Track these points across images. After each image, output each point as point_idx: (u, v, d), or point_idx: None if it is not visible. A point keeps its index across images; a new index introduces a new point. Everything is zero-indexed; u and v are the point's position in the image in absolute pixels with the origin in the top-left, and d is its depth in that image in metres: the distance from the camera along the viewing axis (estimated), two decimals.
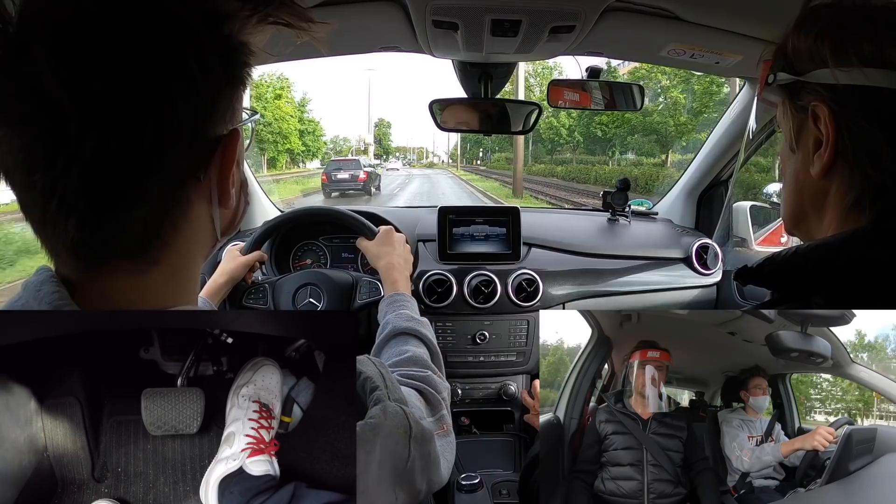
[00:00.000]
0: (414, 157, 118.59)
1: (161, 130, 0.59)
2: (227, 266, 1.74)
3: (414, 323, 1.27)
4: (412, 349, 1.17)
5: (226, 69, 0.64)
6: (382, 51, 1.90)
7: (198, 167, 0.64)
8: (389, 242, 1.63)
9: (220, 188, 0.67)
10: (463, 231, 2.20)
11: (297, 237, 2.26)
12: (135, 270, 0.63)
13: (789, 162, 0.82)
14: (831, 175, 0.75)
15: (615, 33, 1.67)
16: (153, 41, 0.58)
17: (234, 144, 0.66)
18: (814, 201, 0.79)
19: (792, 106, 0.79)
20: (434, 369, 1.13)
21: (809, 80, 0.76)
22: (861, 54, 0.72)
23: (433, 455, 0.89)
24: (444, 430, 1.01)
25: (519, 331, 2.17)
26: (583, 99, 2.04)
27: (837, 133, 0.73)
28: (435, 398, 1.03)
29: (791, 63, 0.78)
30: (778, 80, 0.79)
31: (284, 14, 0.68)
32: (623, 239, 2.39)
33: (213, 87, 0.63)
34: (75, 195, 0.58)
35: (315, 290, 1.80)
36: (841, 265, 0.71)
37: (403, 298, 1.39)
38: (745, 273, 0.80)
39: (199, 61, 0.60)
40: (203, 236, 0.69)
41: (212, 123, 0.64)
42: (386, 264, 1.55)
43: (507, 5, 1.45)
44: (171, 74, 0.59)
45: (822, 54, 0.74)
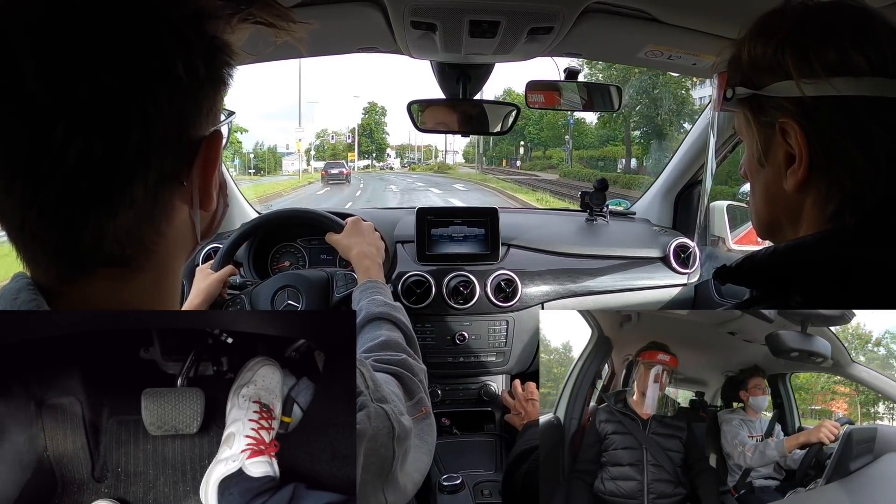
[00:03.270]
0: (417, 157, 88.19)
1: (147, 133, 0.57)
2: (202, 285, 1.72)
3: (387, 308, 1.26)
4: (386, 333, 1.17)
5: (210, 69, 0.62)
6: (361, 51, 1.89)
7: (181, 170, 0.62)
8: (358, 232, 1.62)
9: (203, 191, 0.66)
10: (441, 232, 2.20)
11: (273, 241, 2.23)
12: (116, 277, 0.62)
13: (758, 175, 0.81)
14: (806, 189, 0.75)
15: (593, 34, 1.68)
16: (139, 42, 0.57)
17: (216, 146, 0.65)
18: (789, 213, 0.78)
19: (756, 121, 0.78)
20: (410, 352, 1.13)
21: (772, 93, 0.74)
22: (826, 64, 0.71)
23: (411, 448, 0.90)
24: (424, 413, 1.01)
25: (498, 331, 2.18)
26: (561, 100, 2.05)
27: (810, 149, 0.72)
28: (412, 381, 1.02)
29: (749, 76, 0.77)
30: (738, 95, 0.78)
31: (266, 14, 0.67)
32: (601, 239, 2.42)
33: (198, 88, 0.62)
34: (57, 203, 0.56)
35: (293, 292, 1.78)
36: (820, 263, 0.72)
37: (376, 285, 1.38)
38: (724, 272, 0.80)
39: (184, 62, 0.59)
40: (184, 240, 0.68)
41: (195, 125, 0.62)
42: (357, 253, 1.54)
43: (486, 6, 1.45)
44: (157, 75, 0.58)
45: (784, 66, 0.73)
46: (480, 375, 2.22)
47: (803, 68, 0.71)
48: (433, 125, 2.07)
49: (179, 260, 0.69)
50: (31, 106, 0.54)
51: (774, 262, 0.75)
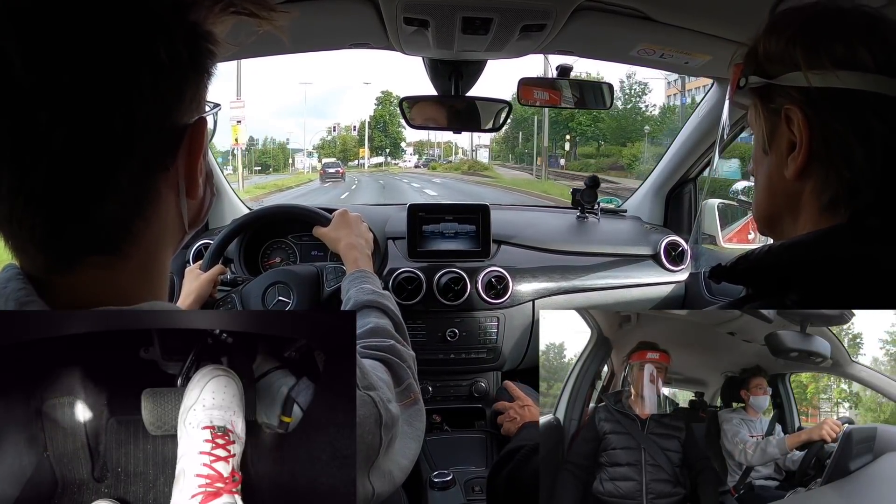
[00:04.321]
0: (436, 154, 75.99)
1: (130, 119, 0.58)
2: (191, 286, 1.71)
3: (375, 296, 1.25)
4: (374, 320, 1.16)
5: (192, 56, 0.63)
6: (352, 48, 1.89)
7: (166, 157, 0.63)
8: (345, 224, 1.60)
9: (188, 178, 0.67)
10: (433, 229, 2.20)
11: (264, 237, 2.22)
12: (104, 265, 0.62)
13: (762, 164, 0.83)
14: (805, 177, 0.76)
15: (586, 32, 1.69)
16: (121, 28, 0.58)
17: (200, 133, 0.66)
18: (788, 203, 0.80)
19: (764, 109, 0.80)
20: (398, 338, 1.13)
21: (782, 83, 0.76)
22: (833, 57, 0.73)
23: (400, 435, 0.90)
24: (412, 399, 1.01)
25: (489, 328, 2.18)
26: (553, 97, 2.05)
27: (811, 135, 0.74)
28: (400, 367, 1.02)
29: (762, 66, 0.79)
30: (750, 84, 0.80)
31: (247, 2, 0.67)
32: (592, 236, 2.43)
33: (181, 74, 0.63)
34: (43, 190, 0.57)
35: (284, 288, 1.77)
36: (815, 263, 0.72)
37: (364, 274, 1.37)
38: (719, 271, 0.81)
39: (167, 48, 0.60)
40: (171, 229, 0.68)
41: (179, 112, 0.63)
42: (345, 245, 1.53)
43: (479, 3, 1.45)
44: (141, 61, 0.58)
45: (795, 57, 0.75)
46: (471, 372, 2.22)
47: (812, 60, 0.74)
48: (423, 121, 2.08)
49: (167, 249, 0.69)
50: (16, 93, 0.55)
51: (769, 261, 0.76)
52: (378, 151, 73.19)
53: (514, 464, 1.10)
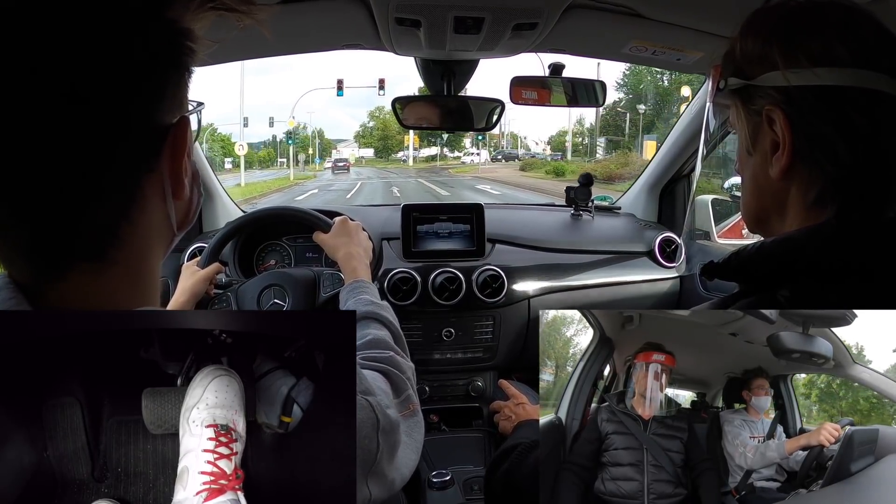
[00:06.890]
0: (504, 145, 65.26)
1: (110, 120, 0.58)
2: (187, 283, 1.70)
3: (374, 307, 1.25)
4: (373, 332, 1.16)
5: (171, 54, 0.63)
6: (345, 48, 1.88)
7: (150, 158, 0.63)
8: (345, 232, 1.60)
9: (174, 179, 0.66)
10: (427, 229, 2.20)
11: (259, 239, 2.21)
12: (92, 271, 0.61)
13: (747, 164, 0.83)
14: (790, 175, 0.77)
15: (577, 30, 1.68)
16: (97, 27, 0.57)
17: (183, 133, 0.65)
18: (774, 201, 0.80)
19: (745, 110, 0.80)
20: (397, 350, 1.13)
21: (761, 83, 0.77)
22: (810, 54, 0.73)
23: (400, 442, 0.90)
24: (412, 410, 1.01)
25: (485, 327, 2.19)
26: (545, 96, 2.05)
27: (793, 135, 0.74)
28: (399, 379, 1.02)
29: (741, 68, 0.79)
30: (729, 86, 0.81)
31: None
32: (587, 234, 2.43)
33: (161, 73, 0.62)
34: (26, 197, 0.56)
35: (279, 291, 1.76)
36: (806, 259, 0.73)
37: (363, 284, 1.37)
38: (711, 268, 0.82)
39: (144, 46, 0.59)
40: (159, 232, 0.68)
41: (160, 111, 0.63)
42: (344, 254, 1.53)
43: (470, 2, 1.44)
44: (118, 60, 0.58)
45: (772, 57, 0.75)
46: (468, 371, 2.23)
47: (789, 59, 0.74)
48: (415, 121, 2.08)
49: (156, 253, 0.69)
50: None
51: (761, 258, 0.76)
52: (432, 141, 64.59)
53: (510, 462, 1.10)
